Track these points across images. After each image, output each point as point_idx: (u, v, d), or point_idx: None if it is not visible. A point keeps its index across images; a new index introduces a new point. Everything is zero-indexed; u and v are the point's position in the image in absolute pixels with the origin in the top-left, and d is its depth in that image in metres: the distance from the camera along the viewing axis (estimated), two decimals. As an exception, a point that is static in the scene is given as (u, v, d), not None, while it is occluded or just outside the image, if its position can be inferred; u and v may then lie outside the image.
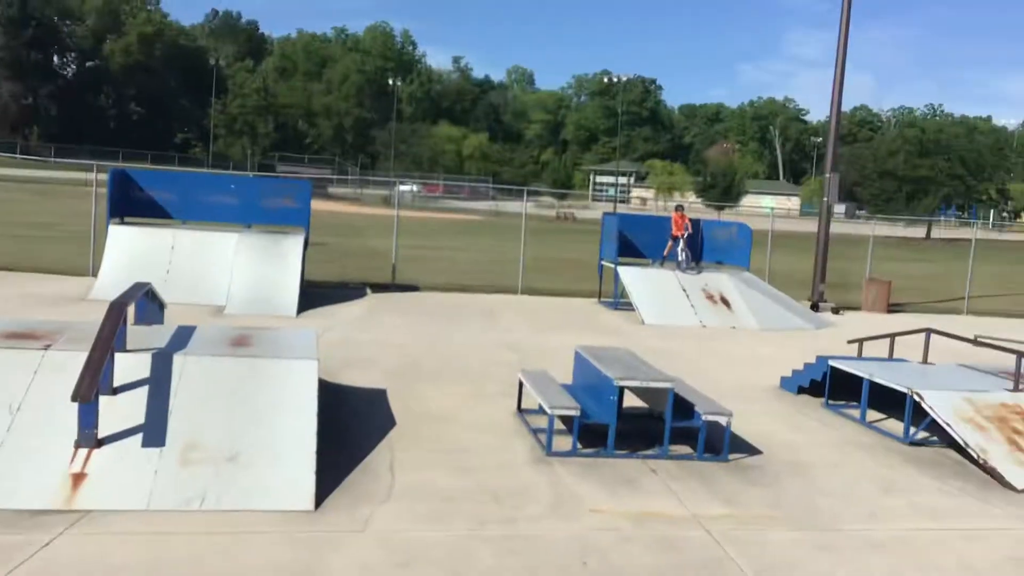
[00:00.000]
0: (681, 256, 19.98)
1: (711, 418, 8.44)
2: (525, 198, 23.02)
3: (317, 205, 20.24)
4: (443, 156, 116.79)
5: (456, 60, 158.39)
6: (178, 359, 7.56)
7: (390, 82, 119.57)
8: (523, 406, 9.66)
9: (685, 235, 20.12)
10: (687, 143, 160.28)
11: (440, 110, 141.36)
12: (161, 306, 10.51)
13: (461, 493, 7.05)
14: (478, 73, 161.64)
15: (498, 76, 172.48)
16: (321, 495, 6.65)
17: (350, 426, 8.64)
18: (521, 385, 9.69)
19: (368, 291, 19.10)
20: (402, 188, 78.43)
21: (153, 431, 6.85)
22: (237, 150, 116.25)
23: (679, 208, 21.12)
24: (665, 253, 20.29)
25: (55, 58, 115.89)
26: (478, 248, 33.95)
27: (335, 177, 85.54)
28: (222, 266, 16.29)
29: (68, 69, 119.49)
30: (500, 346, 13.86)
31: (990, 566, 6.33)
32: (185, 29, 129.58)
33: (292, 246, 16.92)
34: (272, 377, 7.59)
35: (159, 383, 7.29)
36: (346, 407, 9.30)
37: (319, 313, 15.70)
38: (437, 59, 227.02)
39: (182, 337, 8.36)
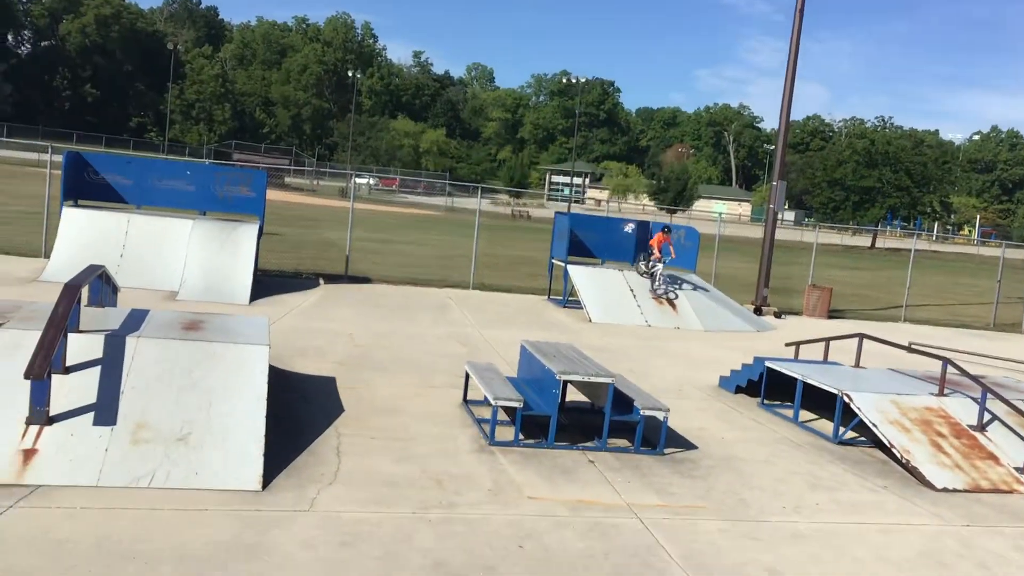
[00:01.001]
0: (659, 282, 18.94)
1: (649, 413, 8.72)
2: (480, 195, 23.21)
3: (273, 195, 20.29)
4: (400, 150, 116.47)
5: (416, 55, 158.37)
6: (131, 341, 7.66)
7: (350, 74, 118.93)
8: (469, 397, 9.88)
9: (664, 259, 18.99)
10: (643, 146, 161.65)
11: (399, 104, 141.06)
12: (115, 289, 10.55)
13: (405, 478, 7.25)
14: (438, 69, 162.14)
15: (458, 72, 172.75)
16: (268, 476, 6.81)
17: (299, 412, 8.80)
18: (467, 377, 9.90)
19: (321, 282, 19.17)
20: (359, 181, 78.24)
21: (105, 410, 6.96)
22: (193, 136, 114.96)
23: (667, 229, 19.82)
24: (645, 268, 19.27)
25: (9, 36, 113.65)
26: (432, 243, 34.09)
27: (292, 168, 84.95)
28: (176, 252, 16.29)
29: (23, 48, 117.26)
30: (449, 339, 14.06)
31: (904, 559, 6.67)
32: (143, 12, 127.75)
33: (246, 235, 16.95)
34: (223, 361, 7.72)
35: (111, 364, 7.39)
36: (296, 394, 9.45)
37: (272, 302, 15.77)
38: (397, 53, 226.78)
39: (135, 320, 8.45)
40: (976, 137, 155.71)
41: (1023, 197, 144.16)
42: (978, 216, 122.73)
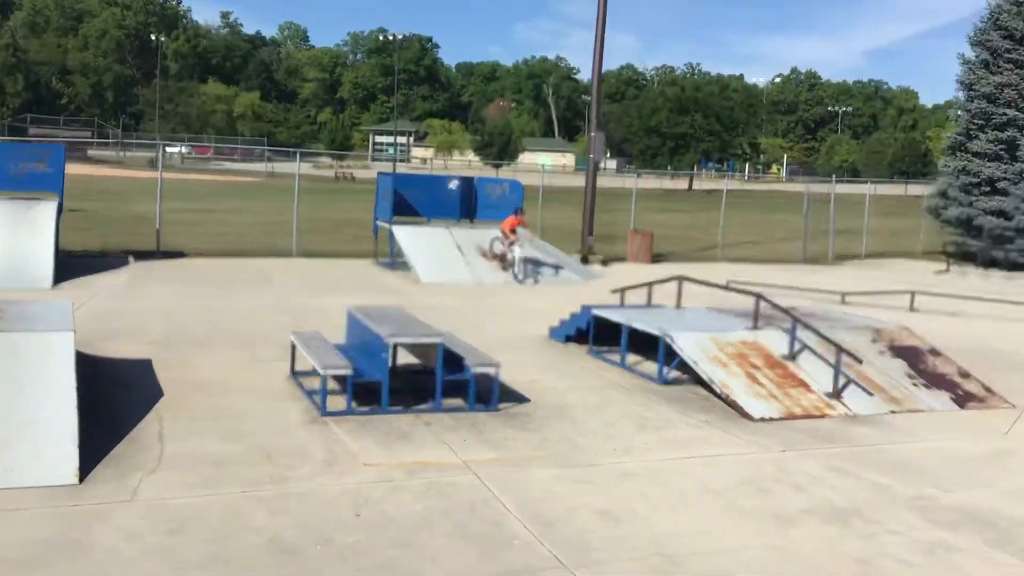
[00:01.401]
0: (518, 268, 18.08)
1: (480, 370, 8.81)
2: (299, 159, 22.66)
3: (75, 169, 19.18)
4: (213, 116, 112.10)
5: (224, 15, 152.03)
6: (-84, 338, 7.10)
7: (153, 38, 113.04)
8: (297, 369, 9.69)
9: (520, 242, 18.19)
10: (465, 102, 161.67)
11: (209, 68, 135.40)
12: None
13: (233, 457, 7.07)
14: (248, 29, 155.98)
15: (270, 32, 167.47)
16: (86, 468, 6.49)
17: (115, 398, 8.40)
18: (294, 348, 9.71)
19: (131, 259, 18.30)
20: (170, 150, 74.83)
21: None
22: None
23: (517, 210, 18.94)
24: (499, 252, 18.52)
25: None
26: (251, 211, 33.09)
27: (95, 140, 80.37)
28: (-34, 238, 15.16)
29: None
30: (274, 310, 13.73)
31: (726, 487, 7.04)
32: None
33: (44, 213, 15.96)
34: (26, 352, 7.27)
35: None
36: (110, 379, 9.02)
37: (78, 284, 14.95)
38: (204, 14, 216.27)
39: (-80, 315, 7.82)
40: (778, 80, 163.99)
41: (825, 135, 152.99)
42: (785, 155, 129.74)
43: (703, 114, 79.97)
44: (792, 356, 10.29)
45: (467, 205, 20.86)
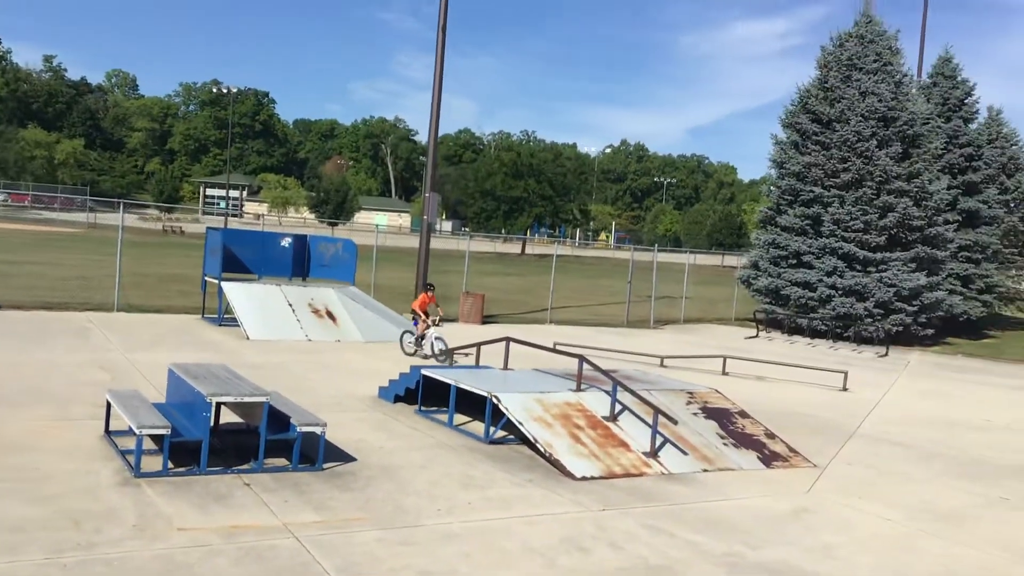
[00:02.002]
0: (433, 346, 16.49)
1: (306, 429, 8.66)
2: (123, 210, 21.78)
3: None
4: (32, 163, 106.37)
5: (48, 59, 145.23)
6: None
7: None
8: (112, 428, 9.24)
9: (433, 319, 16.93)
10: (302, 158, 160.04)
11: (29, 112, 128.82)
12: None
13: (36, 522, 6.64)
14: (73, 75, 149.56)
15: (96, 79, 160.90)
16: None
17: (-95, 460, 7.77)
18: (109, 406, 9.26)
19: (-65, 310, 17.05)
20: (-18, 196, 70.48)
21: None
22: None
23: (429, 288, 17.91)
24: (418, 333, 17.02)
25: None
26: (70, 263, 31.45)
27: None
28: None
29: None
30: (91, 366, 13.07)
31: (547, 547, 7.15)
32: None
33: None
34: None
35: None
36: (-99, 440, 8.34)
37: None
38: (25, 57, 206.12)
39: None
40: (608, 150, 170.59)
41: (650, 204, 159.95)
42: (613, 222, 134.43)
43: (537, 179, 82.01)
44: (613, 417, 10.61)
45: (300, 263, 20.58)
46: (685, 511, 8.44)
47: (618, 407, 10.72)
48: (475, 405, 11.14)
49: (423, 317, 17.09)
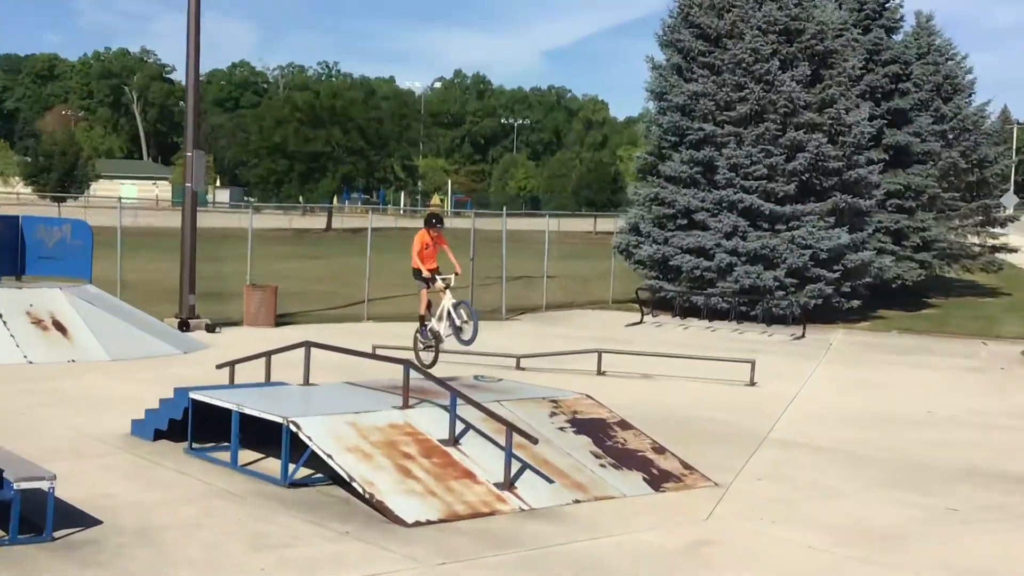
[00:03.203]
0: (454, 317, 15.13)
1: (27, 485, 8.37)
2: None
3: None
4: None
5: None
6: None
7: None
8: None
9: (445, 280, 15.41)
10: (9, 110, 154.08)
11: None
12: None
13: None
14: None
15: None
16: None
17: None
18: None
19: None
20: None
21: None
22: None
23: (433, 223, 15.91)
24: (422, 304, 15.60)
25: None
26: None
27: None
28: None
29: None
30: None
31: (370, 617, 7.18)
32: None
33: None
34: None
35: None
36: None
37: None
38: None
39: None
40: (438, 85, 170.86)
41: (497, 155, 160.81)
42: (450, 181, 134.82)
43: (343, 128, 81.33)
44: (454, 440, 10.70)
45: (10, 255, 19.83)
46: (550, 557, 8.61)
47: (460, 426, 10.82)
48: (269, 436, 11.02)
49: (427, 273, 15.09)
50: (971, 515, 10.53)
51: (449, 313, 15.21)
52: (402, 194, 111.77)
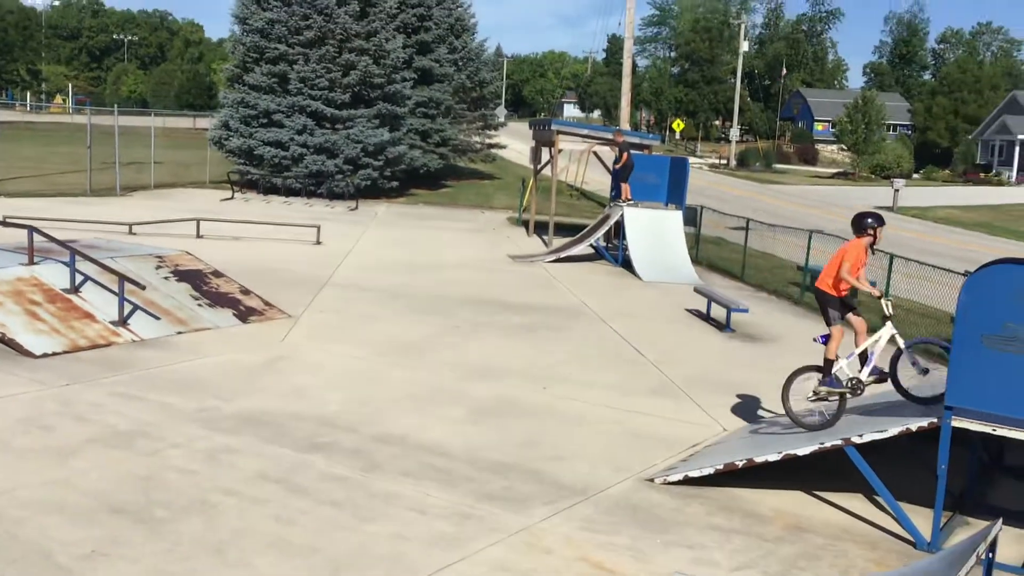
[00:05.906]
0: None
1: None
2: None
3: None
4: None
5: None
6: None
7: None
8: None
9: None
10: None
11: None
12: None
13: None
14: None
15: None
16: None
17: None
18: None
19: None
20: None
21: None
22: None
23: (870, 224, 7.10)
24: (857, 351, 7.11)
25: None
26: None
27: None
28: None
29: None
30: None
31: (7, 428, 6.60)
32: None
33: None
34: None
35: None
36: None
37: None
38: None
39: None
40: (57, 3, 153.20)
41: (110, 63, 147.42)
42: (70, 84, 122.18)
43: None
44: (75, 289, 9.94)
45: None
46: (158, 375, 8.30)
47: (80, 278, 10.05)
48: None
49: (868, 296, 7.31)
50: (468, 330, 11.20)
51: (900, 353, 6.89)
52: (28, 93, 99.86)
